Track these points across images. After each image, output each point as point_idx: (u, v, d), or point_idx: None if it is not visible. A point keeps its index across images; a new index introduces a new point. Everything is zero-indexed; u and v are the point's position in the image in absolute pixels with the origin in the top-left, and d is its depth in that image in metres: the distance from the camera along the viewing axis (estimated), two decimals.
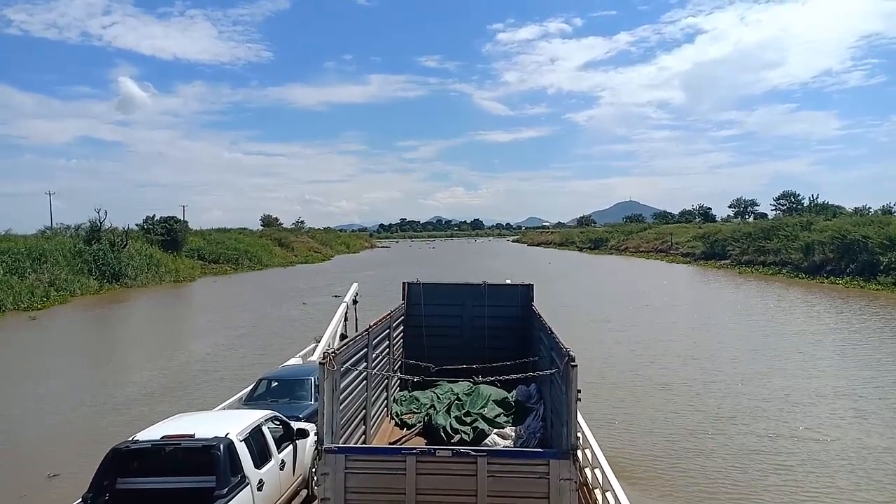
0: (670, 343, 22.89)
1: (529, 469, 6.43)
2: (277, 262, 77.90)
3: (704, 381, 17.49)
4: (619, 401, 15.66)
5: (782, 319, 28.18)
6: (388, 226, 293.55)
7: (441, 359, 11.91)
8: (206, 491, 6.71)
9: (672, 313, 30.80)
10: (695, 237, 75.06)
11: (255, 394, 11.79)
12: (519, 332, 13.39)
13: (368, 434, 9.60)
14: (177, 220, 67.66)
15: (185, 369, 20.66)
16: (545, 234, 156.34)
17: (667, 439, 12.92)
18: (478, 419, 10.74)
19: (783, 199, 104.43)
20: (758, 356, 20.36)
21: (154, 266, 54.18)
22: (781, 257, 51.52)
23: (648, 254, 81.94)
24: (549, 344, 8.95)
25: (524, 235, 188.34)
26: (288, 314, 32.61)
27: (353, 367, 8.54)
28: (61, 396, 17.39)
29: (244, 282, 55.75)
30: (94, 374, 20.57)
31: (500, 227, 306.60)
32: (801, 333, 24.27)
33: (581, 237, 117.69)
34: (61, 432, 14.26)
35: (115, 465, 7.06)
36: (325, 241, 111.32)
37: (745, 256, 57.71)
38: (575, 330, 23.16)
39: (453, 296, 14.26)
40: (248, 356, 21.99)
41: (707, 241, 68.76)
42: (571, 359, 6.41)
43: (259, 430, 7.97)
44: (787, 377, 17.57)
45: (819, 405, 14.98)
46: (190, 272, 59.18)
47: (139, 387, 18.29)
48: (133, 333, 30.40)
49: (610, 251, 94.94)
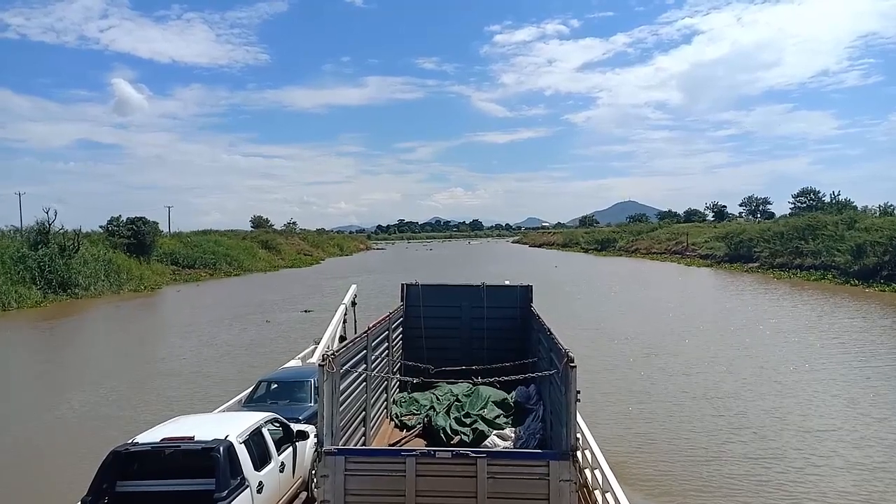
0: (732, 379, 17.60)
1: (529, 470, 6.44)
2: (261, 267, 72.23)
3: (810, 451, 12.24)
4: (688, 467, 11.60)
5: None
6: (386, 227, 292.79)
7: (440, 360, 11.89)
8: (205, 493, 6.71)
9: (723, 335, 24.48)
10: (714, 237, 68.93)
11: (255, 396, 11.79)
12: (518, 333, 13.40)
13: (368, 436, 9.60)
14: (145, 221, 60.01)
15: (30, 443, 13.81)
16: (547, 235, 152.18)
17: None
18: (477, 420, 10.73)
19: (802, 196, 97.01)
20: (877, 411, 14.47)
21: (113, 273, 47.98)
22: (823, 260, 45.61)
23: (662, 256, 75.95)
24: (548, 345, 8.95)
25: (525, 236, 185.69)
26: (241, 337, 26.41)
27: (353, 369, 8.54)
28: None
29: (214, 291, 49.60)
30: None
31: (500, 228, 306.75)
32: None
33: (586, 238, 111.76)
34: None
35: (114, 468, 7.05)
36: (316, 243, 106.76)
37: (778, 259, 51.48)
38: (605, 357, 20.25)
39: (452, 297, 14.26)
40: (148, 412, 15.08)
41: (731, 241, 62.15)
42: (570, 360, 6.42)
43: (259, 432, 7.97)
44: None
45: None
46: (156, 279, 53.26)
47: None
48: (24, 366, 22.99)
49: (618, 252, 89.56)
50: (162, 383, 18.91)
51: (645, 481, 10.95)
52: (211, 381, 18.62)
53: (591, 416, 11.48)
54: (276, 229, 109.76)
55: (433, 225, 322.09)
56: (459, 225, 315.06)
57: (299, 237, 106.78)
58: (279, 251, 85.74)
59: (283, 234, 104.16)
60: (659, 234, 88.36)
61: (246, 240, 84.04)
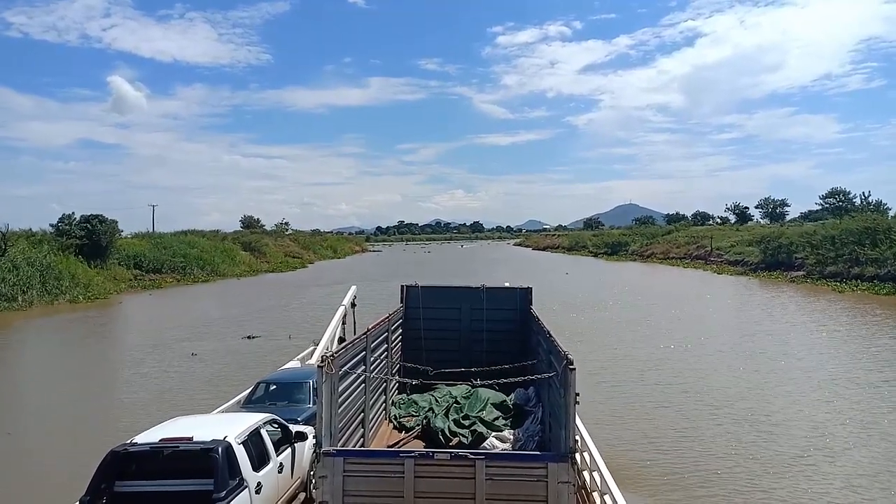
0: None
1: (528, 472, 6.44)
2: (238, 271, 65.71)
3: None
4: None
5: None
6: (386, 228, 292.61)
7: (439, 362, 11.90)
8: (204, 494, 6.71)
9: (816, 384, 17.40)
10: (745, 242, 62.86)
11: (254, 397, 11.80)
12: (518, 335, 13.39)
13: (367, 437, 9.60)
14: (102, 219, 52.58)
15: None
16: (551, 238, 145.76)
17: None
18: (476, 422, 10.73)
19: (831, 197, 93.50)
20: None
21: (52, 280, 41.06)
22: (890, 269, 40.04)
23: (682, 261, 69.65)
24: (548, 347, 8.96)
25: (527, 238, 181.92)
26: (141, 387, 18.79)
27: (352, 371, 8.55)
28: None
29: (167, 302, 43.85)
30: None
31: (501, 230, 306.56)
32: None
33: (594, 241, 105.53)
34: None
35: (112, 469, 7.05)
36: (307, 245, 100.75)
37: (830, 267, 45.08)
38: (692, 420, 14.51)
39: (452, 299, 14.26)
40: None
41: (768, 247, 55.36)
42: (570, 362, 6.44)
43: (257, 433, 7.98)
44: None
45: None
46: (108, 286, 46.46)
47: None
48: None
49: (631, 257, 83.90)
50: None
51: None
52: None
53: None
54: (266, 230, 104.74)
55: (433, 227, 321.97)
56: (460, 227, 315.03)
57: (290, 238, 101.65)
58: (263, 253, 79.97)
59: (271, 235, 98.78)
60: (676, 238, 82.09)
61: (227, 241, 77.71)
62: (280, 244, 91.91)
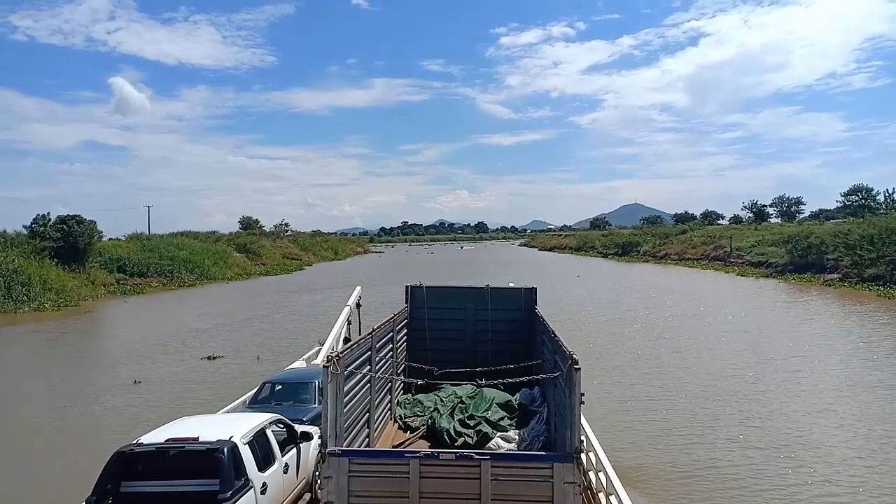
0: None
1: (533, 472, 6.43)
2: (230, 274, 62.67)
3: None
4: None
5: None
6: (390, 229, 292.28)
7: (444, 362, 11.89)
8: (209, 494, 6.72)
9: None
10: (768, 242, 59.36)
11: (259, 397, 11.80)
12: (522, 335, 13.36)
13: (372, 437, 9.60)
14: (80, 220, 49.35)
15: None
16: (557, 238, 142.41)
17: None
18: (481, 422, 10.72)
19: (853, 193, 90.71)
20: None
21: (20, 285, 38.02)
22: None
23: (699, 262, 66.35)
24: (553, 347, 8.93)
25: (532, 239, 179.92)
26: (55, 428, 15.12)
27: (357, 371, 8.54)
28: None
29: (143, 309, 40.10)
30: None
31: (505, 231, 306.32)
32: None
33: (604, 241, 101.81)
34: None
35: (118, 469, 7.07)
36: (307, 247, 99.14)
37: (870, 269, 40.70)
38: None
39: (456, 299, 14.23)
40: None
41: (796, 247, 51.09)
42: (575, 362, 6.41)
43: (263, 433, 7.98)
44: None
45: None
46: (84, 291, 43.31)
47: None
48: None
49: (643, 258, 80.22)
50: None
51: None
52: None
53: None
54: (264, 231, 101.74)
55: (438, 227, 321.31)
56: (464, 227, 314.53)
57: (289, 240, 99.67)
58: (259, 255, 77.61)
59: (269, 236, 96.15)
60: (692, 238, 78.28)
61: (220, 242, 74.87)
62: (278, 245, 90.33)
